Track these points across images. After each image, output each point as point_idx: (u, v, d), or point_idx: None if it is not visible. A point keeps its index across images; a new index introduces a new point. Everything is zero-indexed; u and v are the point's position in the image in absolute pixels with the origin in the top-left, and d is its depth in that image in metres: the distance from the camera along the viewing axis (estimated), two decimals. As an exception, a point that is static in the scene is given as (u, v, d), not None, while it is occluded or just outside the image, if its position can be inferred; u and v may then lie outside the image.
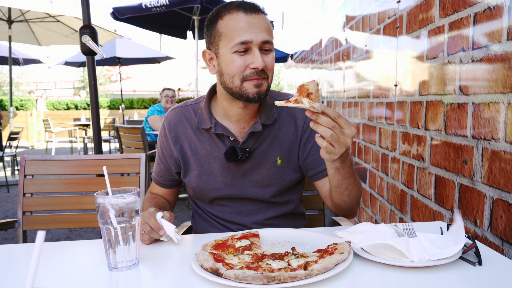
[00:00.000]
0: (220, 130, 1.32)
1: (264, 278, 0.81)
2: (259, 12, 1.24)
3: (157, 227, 1.10)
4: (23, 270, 0.98)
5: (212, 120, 1.33)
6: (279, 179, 1.37)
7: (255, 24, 1.20)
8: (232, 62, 1.21)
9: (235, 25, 1.20)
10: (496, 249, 1.37)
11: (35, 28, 7.95)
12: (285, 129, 1.37)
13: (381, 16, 2.67)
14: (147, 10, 5.23)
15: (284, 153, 1.37)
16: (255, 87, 1.22)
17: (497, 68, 1.38)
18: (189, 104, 1.43)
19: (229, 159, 1.31)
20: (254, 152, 1.34)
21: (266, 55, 1.24)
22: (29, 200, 1.68)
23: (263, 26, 1.22)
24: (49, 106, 16.54)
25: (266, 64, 1.23)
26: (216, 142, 1.35)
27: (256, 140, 1.34)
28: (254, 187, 1.37)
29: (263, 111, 1.34)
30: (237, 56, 1.21)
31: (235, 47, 1.20)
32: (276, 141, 1.36)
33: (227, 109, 1.34)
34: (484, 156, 1.45)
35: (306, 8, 8.22)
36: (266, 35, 1.22)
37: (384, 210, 2.64)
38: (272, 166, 1.36)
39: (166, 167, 1.45)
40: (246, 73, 1.22)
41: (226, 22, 1.22)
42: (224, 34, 1.22)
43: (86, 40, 2.39)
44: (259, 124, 1.32)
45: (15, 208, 4.91)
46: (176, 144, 1.39)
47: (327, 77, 4.69)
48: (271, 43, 1.24)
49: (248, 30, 1.19)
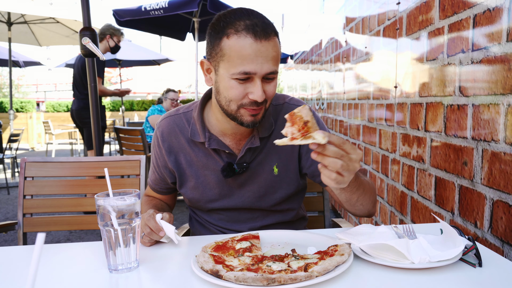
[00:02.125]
0: (215, 145, 1.26)
1: (264, 280, 0.81)
2: (270, 37, 1.11)
3: (157, 229, 1.10)
4: (23, 272, 0.98)
5: (206, 134, 1.27)
6: (276, 187, 1.33)
7: (263, 53, 1.09)
8: (231, 88, 1.13)
9: (240, 51, 1.08)
10: (496, 250, 1.37)
11: (35, 29, 7.96)
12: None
13: (381, 18, 2.68)
14: (146, 13, 5.25)
15: (281, 161, 1.32)
16: (250, 116, 1.16)
17: (496, 70, 1.38)
18: (181, 112, 1.36)
19: (227, 175, 1.26)
20: (250, 164, 1.30)
21: (268, 83, 1.15)
22: (29, 202, 1.68)
23: (271, 55, 1.11)
24: (49, 108, 16.55)
25: (267, 93, 1.15)
26: (211, 154, 1.30)
27: (253, 153, 1.29)
28: (251, 197, 1.33)
29: (260, 125, 1.28)
30: (237, 83, 1.12)
31: (237, 75, 1.10)
32: (273, 150, 1.31)
33: (221, 122, 1.27)
34: (484, 158, 1.45)
35: (306, 10, 8.24)
36: (272, 65, 1.12)
37: (384, 211, 2.64)
38: (269, 175, 1.32)
39: (161, 177, 1.41)
40: (244, 102, 1.14)
41: (232, 44, 1.09)
42: (227, 57, 1.11)
43: (86, 42, 2.40)
44: (257, 138, 1.26)
45: (15, 210, 4.91)
46: (170, 155, 1.34)
47: (327, 78, 4.69)
48: (276, 72, 1.14)
49: (254, 60, 1.08)
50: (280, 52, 1.16)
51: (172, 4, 5.08)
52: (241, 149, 1.28)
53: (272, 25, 1.14)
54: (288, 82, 10.29)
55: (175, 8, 5.07)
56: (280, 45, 1.17)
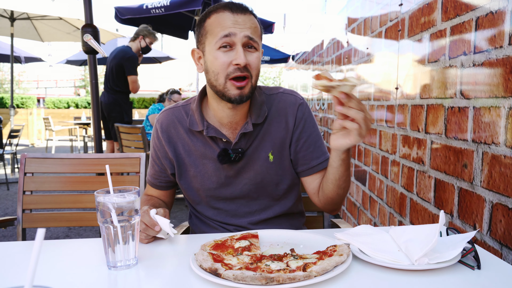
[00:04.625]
0: (212, 133, 1.31)
1: (262, 279, 0.81)
2: (246, 12, 1.24)
3: (152, 224, 1.11)
4: (23, 267, 0.98)
5: (204, 123, 1.32)
6: (272, 174, 1.37)
7: (240, 22, 1.21)
8: (216, 59, 1.22)
9: (220, 22, 1.22)
10: (495, 253, 1.37)
11: (38, 25, 7.97)
12: (276, 125, 1.37)
13: (383, 19, 2.68)
14: (147, 11, 5.25)
15: (276, 148, 1.37)
16: (237, 88, 1.22)
17: (498, 73, 1.38)
18: (180, 105, 1.42)
19: (222, 161, 1.31)
20: (246, 151, 1.34)
21: (250, 53, 1.23)
22: (28, 198, 1.68)
23: (249, 24, 1.22)
24: (49, 105, 16.55)
25: (250, 62, 1.22)
26: (209, 143, 1.34)
27: (248, 140, 1.34)
28: (249, 185, 1.37)
29: (253, 110, 1.33)
30: (221, 53, 1.21)
31: (219, 41, 1.20)
32: (267, 137, 1.36)
33: (217, 111, 1.33)
34: (484, 160, 1.45)
35: (307, 10, 8.23)
36: (250, 32, 1.22)
37: (383, 213, 2.64)
38: (265, 162, 1.36)
39: (160, 168, 1.44)
40: (230, 70, 1.21)
41: (212, 20, 1.24)
42: (210, 32, 1.23)
43: (88, 39, 2.40)
44: (250, 124, 1.31)
45: (15, 206, 4.91)
46: (170, 145, 1.38)
47: (328, 79, 4.69)
48: (255, 41, 1.23)
49: (232, 26, 1.20)
50: (259, 28, 1.28)
51: (174, 3, 5.08)
52: (236, 136, 1.32)
53: (249, 7, 1.28)
54: (289, 82, 10.30)
55: (177, 7, 5.06)
56: (259, 25, 1.28)
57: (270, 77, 27.45)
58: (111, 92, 4.75)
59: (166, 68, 24.62)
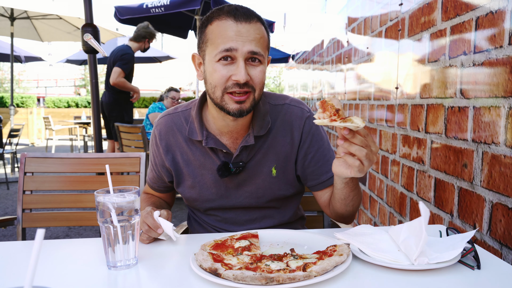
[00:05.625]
0: (212, 144, 1.25)
1: (262, 279, 0.81)
2: (252, 20, 1.13)
3: (155, 226, 1.10)
4: (22, 267, 0.98)
5: (204, 132, 1.26)
6: (274, 189, 1.32)
7: (244, 33, 1.11)
8: (215, 72, 1.14)
9: (221, 32, 1.12)
10: (495, 253, 1.37)
11: (38, 24, 7.96)
12: (281, 138, 1.30)
13: (383, 19, 2.67)
14: (147, 11, 5.25)
15: (279, 163, 1.31)
16: (236, 103, 1.14)
17: (498, 72, 1.38)
18: (180, 110, 1.36)
19: (223, 175, 1.25)
20: (248, 164, 1.28)
21: (254, 67, 1.14)
22: (28, 197, 1.68)
23: (253, 36, 1.12)
24: (49, 104, 16.54)
25: (252, 77, 1.14)
26: (208, 153, 1.29)
27: (249, 152, 1.28)
28: (249, 198, 1.32)
29: (256, 122, 1.26)
30: (220, 66, 1.13)
31: (219, 54, 1.11)
32: (271, 150, 1.30)
33: (217, 119, 1.26)
34: (484, 160, 1.45)
35: (308, 10, 8.22)
36: (254, 46, 1.12)
37: (383, 212, 2.64)
38: (267, 176, 1.31)
39: (158, 175, 1.41)
40: (228, 85, 1.13)
41: (214, 28, 1.14)
42: (210, 41, 1.14)
43: (88, 38, 2.40)
44: (251, 136, 1.24)
45: (15, 205, 4.91)
46: (168, 154, 1.33)
47: (328, 78, 4.69)
48: (260, 55, 1.13)
49: (234, 38, 1.10)
50: (266, 37, 1.17)
51: (174, 2, 5.08)
52: (237, 148, 1.27)
53: (256, 13, 1.17)
54: (289, 81, 10.29)
55: (177, 6, 5.06)
56: (266, 32, 1.18)
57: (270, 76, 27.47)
58: (112, 91, 4.77)
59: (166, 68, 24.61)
